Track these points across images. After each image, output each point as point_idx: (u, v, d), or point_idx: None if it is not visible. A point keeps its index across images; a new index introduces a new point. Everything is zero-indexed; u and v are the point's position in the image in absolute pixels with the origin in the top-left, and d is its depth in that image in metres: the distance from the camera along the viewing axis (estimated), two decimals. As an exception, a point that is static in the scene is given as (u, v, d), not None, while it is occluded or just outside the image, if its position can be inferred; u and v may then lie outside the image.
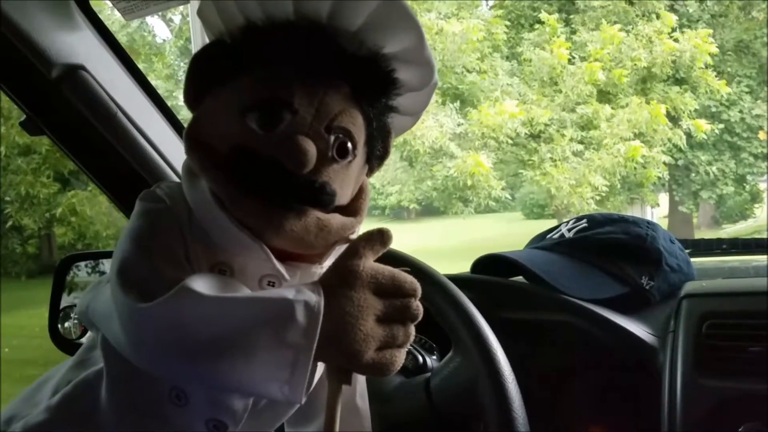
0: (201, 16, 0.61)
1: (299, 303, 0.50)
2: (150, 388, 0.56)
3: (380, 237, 0.56)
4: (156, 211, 0.59)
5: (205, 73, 0.61)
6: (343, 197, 0.61)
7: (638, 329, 0.91)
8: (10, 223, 9.05)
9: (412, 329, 0.55)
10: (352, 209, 0.63)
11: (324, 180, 0.58)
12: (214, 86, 0.60)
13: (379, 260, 0.57)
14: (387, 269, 0.55)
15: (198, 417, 0.54)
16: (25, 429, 0.58)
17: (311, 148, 0.55)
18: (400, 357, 0.54)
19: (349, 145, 0.60)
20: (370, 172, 0.68)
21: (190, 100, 0.62)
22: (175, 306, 0.50)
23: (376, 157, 0.67)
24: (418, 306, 0.55)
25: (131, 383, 0.56)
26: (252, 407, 0.59)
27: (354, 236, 0.63)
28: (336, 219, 0.59)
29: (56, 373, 0.64)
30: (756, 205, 11.66)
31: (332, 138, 0.59)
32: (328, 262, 0.62)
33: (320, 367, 0.58)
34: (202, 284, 0.51)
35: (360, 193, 0.65)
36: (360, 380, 0.67)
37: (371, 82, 0.61)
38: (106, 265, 1.12)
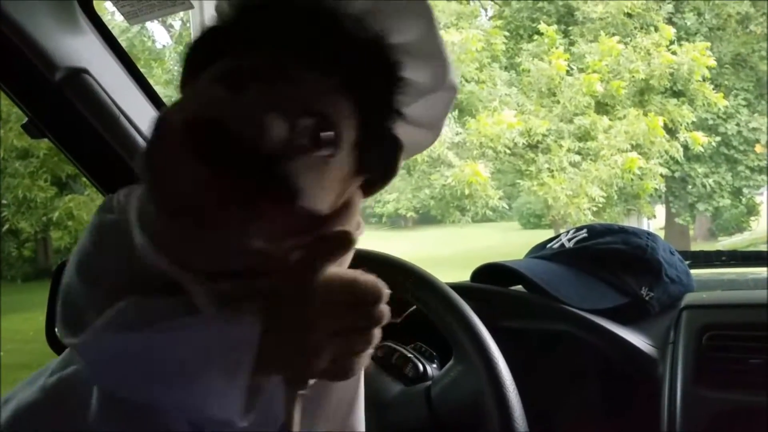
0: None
1: (232, 326, 0.46)
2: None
3: (337, 241, 0.48)
4: (102, 226, 0.54)
5: (195, 58, 0.55)
6: (319, 201, 0.50)
7: (638, 340, 0.91)
8: (6, 226, 9.02)
9: (376, 333, 0.49)
10: (322, 224, 0.51)
11: (289, 168, 0.47)
12: (203, 68, 0.52)
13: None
14: (345, 278, 0.48)
15: (181, 421, 0.51)
16: (18, 407, 0.55)
17: (277, 124, 0.46)
18: (359, 362, 0.49)
19: (327, 135, 0.49)
20: (371, 188, 0.58)
21: (180, 87, 0.56)
22: (104, 337, 0.47)
23: (376, 171, 0.57)
24: (380, 311, 0.48)
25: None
26: None
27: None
28: (287, 243, 0.49)
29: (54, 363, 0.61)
30: (752, 218, 11.69)
31: (308, 121, 0.49)
32: None
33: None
34: (130, 312, 0.47)
35: (343, 207, 0.53)
36: (357, 399, 0.64)
37: (370, 72, 0.52)
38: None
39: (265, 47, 0.50)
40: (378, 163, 0.57)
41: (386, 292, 0.49)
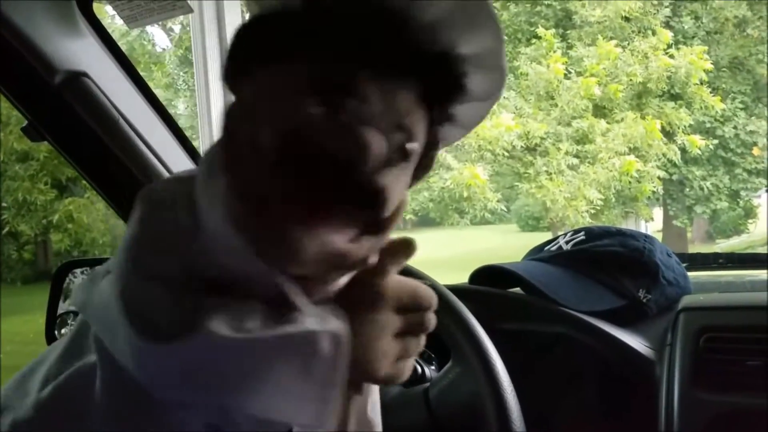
0: None
1: (324, 335, 0.47)
2: (146, 392, 0.50)
3: (405, 249, 0.52)
4: (158, 221, 0.51)
5: (252, 45, 0.50)
6: (391, 208, 0.51)
7: (635, 342, 0.91)
8: (6, 229, 9.01)
9: (424, 339, 0.54)
10: (388, 226, 0.52)
11: (383, 184, 0.48)
12: (264, 63, 0.49)
13: None
14: (409, 285, 0.52)
15: (197, 422, 0.49)
16: (14, 427, 0.52)
17: (378, 142, 0.47)
18: (410, 366, 0.54)
19: (414, 147, 0.50)
20: (409, 185, 0.58)
21: (229, 77, 0.52)
22: (191, 349, 0.45)
23: (422, 170, 0.57)
24: (433, 318, 0.54)
25: (127, 386, 0.50)
26: None
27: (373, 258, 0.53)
28: (364, 246, 0.49)
29: (48, 356, 0.57)
30: (750, 221, 11.71)
31: (398, 137, 0.49)
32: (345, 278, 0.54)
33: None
34: (219, 322, 0.45)
35: (399, 207, 0.53)
36: (372, 392, 0.65)
37: (442, 85, 0.52)
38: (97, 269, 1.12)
39: (347, 56, 0.48)
40: (425, 164, 0.57)
41: (436, 300, 0.53)
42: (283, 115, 0.47)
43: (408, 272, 0.79)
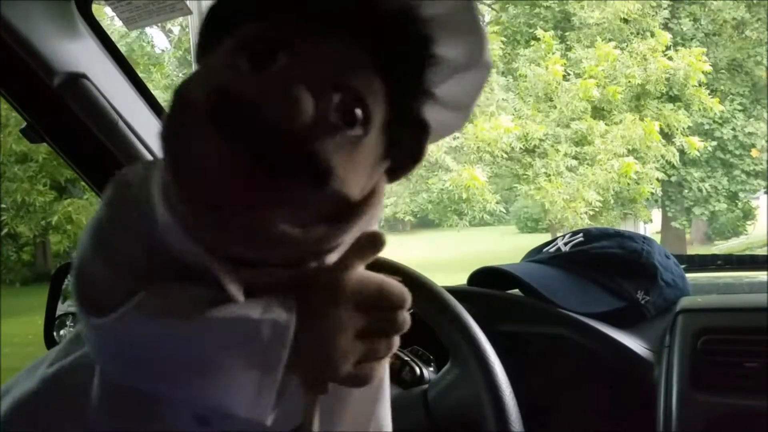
0: None
1: (266, 323, 0.44)
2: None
3: (371, 242, 0.48)
4: (120, 201, 0.50)
5: (213, 24, 0.51)
6: (351, 185, 0.47)
7: (634, 343, 0.91)
8: (5, 230, 9.01)
9: (396, 340, 0.49)
10: (351, 212, 0.48)
11: (320, 148, 0.44)
12: (219, 36, 0.49)
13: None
14: (374, 280, 0.48)
15: (185, 415, 0.49)
16: (17, 398, 0.54)
17: (306, 99, 0.43)
18: (380, 369, 0.49)
19: (359, 112, 0.46)
20: (394, 174, 0.54)
21: (199, 56, 0.52)
22: (131, 324, 0.44)
23: (404, 156, 0.53)
24: (404, 318, 0.48)
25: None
26: None
27: (343, 247, 0.50)
28: (315, 231, 0.47)
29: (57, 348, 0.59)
30: (748, 222, 11.72)
31: (337, 97, 0.46)
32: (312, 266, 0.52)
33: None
34: (159, 300, 0.45)
35: (370, 195, 0.50)
36: (380, 396, 0.60)
37: (402, 47, 0.48)
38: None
39: (290, 14, 0.46)
40: (404, 148, 0.53)
41: (410, 298, 0.48)
42: (213, 73, 0.47)
43: (398, 271, 0.80)
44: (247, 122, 0.43)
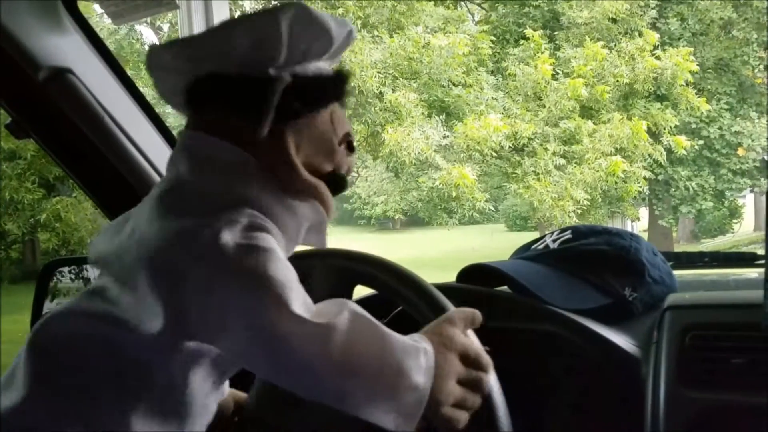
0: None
1: (421, 350, 0.59)
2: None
3: (476, 320, 0.68)
4: (274, 246, 0.64)
5: (280, 106, 0.70)
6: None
7: (621, 340, 0.91)
8: (-7, 228, 8.92)
9: (479, 399, 0.64)
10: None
11: (348, 167, 0.79)
12: (291, 118, 0.71)
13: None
14: (475, 344, 0.65)
15: (207, 360, 0.66)
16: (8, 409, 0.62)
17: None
18: (466, 418, 0.62)
19: (354, 144, 0.79)
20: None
21: (265, 127, 0.70)
22: (352, 326, 0.58)
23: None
24: (489, 381, 0.65)
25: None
26: None
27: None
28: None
29: None
30: (734, 221, 11.83)
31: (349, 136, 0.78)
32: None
33: None
34: (361, 310, 0.61)
35: None
36: None
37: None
38: (90, 271, 1.11)
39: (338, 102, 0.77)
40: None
41: (491, 363, 0.65)
42: (331, 154, 0.75)
43: (387, 267, 0.81)
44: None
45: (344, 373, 0.57)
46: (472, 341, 0.65)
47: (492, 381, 0.72)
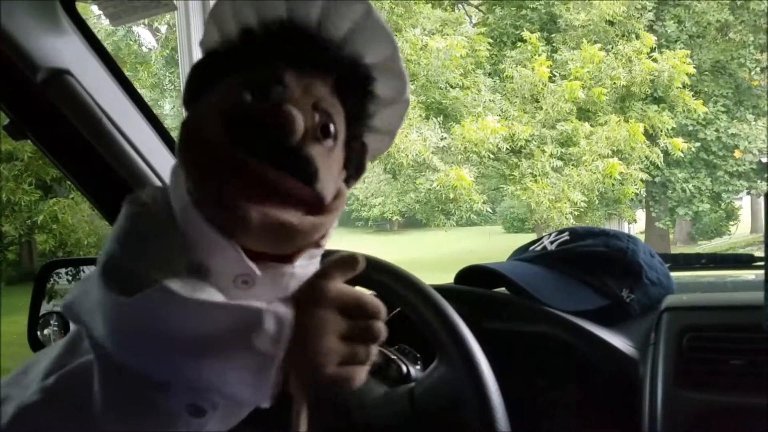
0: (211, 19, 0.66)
1: (269, 313, 0.52)
2: (136, 377, 0.56)
3: (351, 262, 0.57)
4: (140, 215, 0.62)
5: (201, 77, 0.66)
6: (326, 188, 0.62)
7: (619, 341, 0.92)
8: (-10, 230, 8.90)
9: (374, 349, 0.57)
10: (327, 209, 0.63)
11: (310, 153, 0.60)
12: (212, 87, 0.64)
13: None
14: (352, 291, 0.56)
15: (179, 402, 0.56)
16: (20, 409, 0.59)
17: (299, 117, 0.58)
18: (360, 373, 0.56)
19: (332, 126, 0.63)
20: (347, 183, 0.69)
21: (186, 101, 0.66)
22: (153, 302, 0.53)
23: (353, 167, 0.69)
24: (380, 328, 0.56)
25: (119, 374, 0.57)
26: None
27: (325, 240, 0.66)
28: (306, 220, 0.61)
29: (43, 358, 0.65)
30: (731, 223, 11.85)
31: (317, 116, 0.62)
32: (300, 262, 0.65)
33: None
34: (179, 285, 0.54)
35: (337, 195, 0.65)
36: None
37: (352, 82, 0.66)
38: (87, 272, 1.11)
39: (273, 63, 0.62)
40: (354, 161, 0.69)
41: (384, 310, 0.56)
42: (225, 106, 0.61)
43: (386, 269, 0.80)
44: (257, 135, 0.58)
45: (149, 348, 0.53)
46: (349, 290, 0.56)
47: (491, 381, 0.73)
